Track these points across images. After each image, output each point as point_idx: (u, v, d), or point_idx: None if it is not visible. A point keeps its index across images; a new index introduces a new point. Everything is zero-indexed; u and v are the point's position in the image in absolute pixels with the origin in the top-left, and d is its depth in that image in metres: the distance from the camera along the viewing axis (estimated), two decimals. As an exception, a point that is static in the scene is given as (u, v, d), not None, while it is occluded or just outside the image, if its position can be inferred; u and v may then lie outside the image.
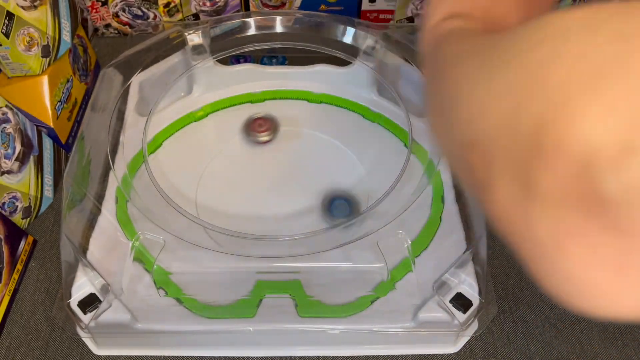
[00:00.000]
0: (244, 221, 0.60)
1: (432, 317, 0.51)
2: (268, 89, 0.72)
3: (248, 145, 0.68)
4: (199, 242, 0.52)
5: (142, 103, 0.68)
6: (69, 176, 0.56)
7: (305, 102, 0.72)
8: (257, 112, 0.69)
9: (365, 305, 0.53)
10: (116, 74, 0.66)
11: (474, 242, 0.53)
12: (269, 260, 0.54)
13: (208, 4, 0.88)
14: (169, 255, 0.54)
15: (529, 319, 0.60)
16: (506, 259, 0.64)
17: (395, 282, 0.53)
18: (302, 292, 0.53)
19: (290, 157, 0.67)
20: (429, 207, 0.58)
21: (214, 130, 0.70)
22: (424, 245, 0.55)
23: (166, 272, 0.53)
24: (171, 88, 0.68)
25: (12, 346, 0.58)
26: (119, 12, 0.88)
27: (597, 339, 0.58)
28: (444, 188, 0.60)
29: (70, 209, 0.55)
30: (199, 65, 0.69)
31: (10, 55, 0.66)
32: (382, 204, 0.54)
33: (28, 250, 0.64)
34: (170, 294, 0.53)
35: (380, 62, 0.69)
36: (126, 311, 0.51)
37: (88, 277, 0.52)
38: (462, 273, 0.52)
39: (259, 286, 0.53)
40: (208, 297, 0.53)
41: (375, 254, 0.54)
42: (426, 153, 0.62)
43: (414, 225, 0.57)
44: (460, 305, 0.51)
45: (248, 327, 0.51)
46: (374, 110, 0.70)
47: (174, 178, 0.63)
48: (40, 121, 0.70)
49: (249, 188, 0.64)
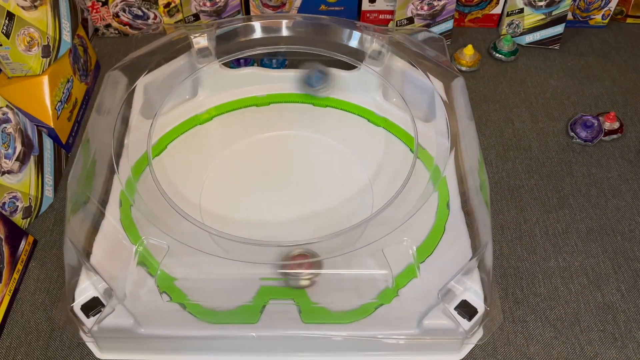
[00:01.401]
0: (249, 226, 0.60)
1: (437, 325, 0.51)
2: (273, 92, 0.72)
3: (252, 149, 0.67)
4: (204, 247, 0.52)
5: (147, 106, 0.67)
6: (73, 179, 0.56)
7: (311, 105, 0.71)
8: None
9: (369, 312, 0.52)
10: (121, 76, 0.66)
11: (479, 249, 0.53)
12: (273, 266, 0.53)
13: (208, 4, 0.87)
14: (173, 260, 0.53)
15: (528, 320, 0.60)
16: (506, 259, 0.65)
17: (400, 289, 0.53)
18: (307, 298, 0.53)
19: (295, 161, 0.67)
20: (435, 213, 0.58)
21: (219, 134, 0.69)
22: (428, 252, 0.55)
23: (171, 278, 0.53)
24: (176, 91, 0.67)
25: (12, 346, 0.57)
26: (119, 12, 0.87)
27: (596, 339, 0.59)
28: (450, 195, 0.59)
29: (74, 213, 0.55)
30: (205, 68, 0.69)
31: (10, 55, 0.65)
32: (387, 210, 0.54)
33: (28, 250, 0.64)
34: (175, 300, 0.52)
35: (386, 66, 0.69)
36: (129, 316, 0.51)
37: (91, 280, 0.51)
38: (468, 280, 0.52)
39: (262, 292, 0.53)
40: (212, 302, 0.53)
41: (379, 260, 0.53)
42: (432, 159, 0.62)
43: (419, 232, 0.56)
44: (465, 312, 0.51)
45: (251, 333, 0.51)
46: (379, 115, 0.70)
47: (178, 182, 0.63)
48: (41, 121, 0.69)
49: (254, 192, 0.63)
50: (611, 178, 0.73)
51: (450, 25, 0.89)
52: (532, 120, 0.80)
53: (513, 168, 0.74)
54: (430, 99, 0.67)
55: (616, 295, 0.62)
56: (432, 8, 0.86)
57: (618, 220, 0.69)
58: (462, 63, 0.86)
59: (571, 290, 0.62)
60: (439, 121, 0.65)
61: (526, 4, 0.87)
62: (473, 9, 0.92)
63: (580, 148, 0.76)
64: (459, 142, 0.61)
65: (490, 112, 0.81)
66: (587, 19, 0.93)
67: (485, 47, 0.90)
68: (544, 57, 0.89)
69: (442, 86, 0.67)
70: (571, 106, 0.82)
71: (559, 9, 0.85)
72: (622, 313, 0.61)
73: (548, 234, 0.67)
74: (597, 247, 0.66)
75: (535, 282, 0.63)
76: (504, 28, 0.91)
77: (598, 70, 0.87)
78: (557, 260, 0.65)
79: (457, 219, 0.58)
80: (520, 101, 0.82)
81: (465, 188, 0.59)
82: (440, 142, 0.63)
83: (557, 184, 0.72)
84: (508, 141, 0.77)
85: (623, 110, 0.81)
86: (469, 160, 0.59)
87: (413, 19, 0.88)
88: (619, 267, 0.64)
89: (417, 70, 0.67)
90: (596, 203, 0.70)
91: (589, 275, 0.64)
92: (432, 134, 0.65)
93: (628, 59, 0.89)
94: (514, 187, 0.72)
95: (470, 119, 0.62)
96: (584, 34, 0.93)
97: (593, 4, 0.90)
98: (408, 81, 0.69)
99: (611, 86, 0.85)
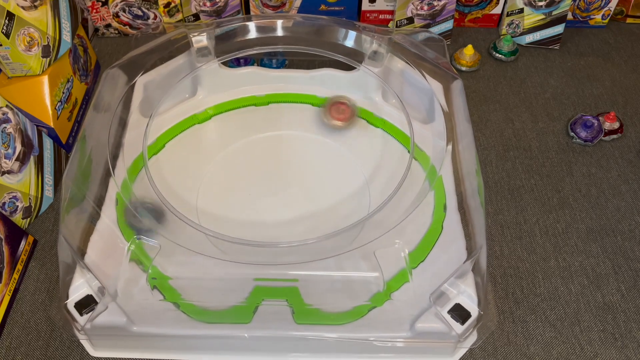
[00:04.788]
0: (245, 227, 0.60)
1: (430, 328, 0.51)
2: (272, 92, 0.72)
3: (250, 149, 0.67)
4: (198, 247, 0.52)
5: (146, 104, 0.67)
6: (69, 177, 0.56)
7: (309, 105, 0.71)
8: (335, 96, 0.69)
9: (362, 314, 0.52)
10: (120, 74, 0.66)
11: (474, 252, 0.52)
12: (266, 267, 0.53)
13: (208, 4, 0.87)
14: (165, 259, 0.53)
15: (528, 320, 0.60)
16: (506, 259, 0.64)
17: (392, 292, 0.53)
18: (300, 299, 0.53)
19: (292, 161, 0.67)
20: (431, 214, 0.58)
21: (217, 133, 0.69)
22: (422, 256, 0.55)
23: (165, 277, 0.53)
24: (175, 90, 0.67)
25: (12, 346, 0.58)
26: (119, 12, 0.88)
27: (596, 339, 0.58)
28: (446, 196, 0.59)
29: (69, 211, 0.55)
30: (204, 67, 0.69)
31: (10, 55, 0.65)
32: (382, 211, 0.53)
33: (28, 250, 0.64)
34: (169, 299, 0.53)
35: (385, 67, 0.69)
36: (122, 314, 0.51)
37: (85, 278, 0.52)
38: (462, 283, 0.51)
39: (256, 292, 0.53)
40: (205, 302, 0.53)
41: (372, 263, 0.53)
42: (428, 159, 0.62)
43: (413, 233, 0.56)
44: (458, 316, 0.50)
45: (243, 334, 0.51)
46: (378, 116, 0.70)
47: (175, 182, 0.63)
48: (41, 121, 0.70)
49: (251, 192, 0.63)
50: (611, 178, 0.73)
51: (450, 25, 0.89)
52: (532, 120, 0.80)
53: (513, 168, 0.74)
54: (429, 101, 0.67)
55: (616, 295, 0.62)
56: (432, 8, 0.86)
57: (618, 220, 0.68)
58: (462, 63, 0.86)
59: (571, 290, 0.62)
60: (437, 123, 0.65)
61: (526, 4, 0.87)
62: (473, 9, 0.92)
63: (580, 148, 0.76)
64: (456, 144, 0.61)
65: (490, 112, 0.81)
66: (587, 19, 0.92)
67: (485, 47, 0.90)
68: (544, 57, 0.89)
69: (441, 88, 0.67)
70: (571, 106, 0.82)
71: (559, 9, 0.85)
72: (622, 313, 0.60)
73: (548, 234, 0.67)
74: (597, 247, 0.66)
75: (535, 282, 0.62)
76: (504, 28, 0.91)
77: (598, 70, 0.87)
78: (557, 260, 0.64)
79: (453, 221, 0.57)
80: (520, 101, 0.82)
81: (462, 190, 0.59)
82: (438, 143, 0.63)
83: (557, 184, 0.72)
84: (508, 141, 0.77)
85: (623, 110, 0.81)
86: (466, 163, 0.59)
87: (413, 19, 0.88)
88: (619, 267, 0.64)
89: (416, 71, 0.66)
90: (596, 203, 0.70)
91: (589, 275, 0.63)
92: (430, 135, 0.64)
93: (628, 59, 0.89)
94: (514, 187, 0.71)
95: (468, 121, 0.62)
96: (584, 34, 0.93)
97: (593, 4, 0.90)
98: (407, 83, 0.69)
99: (611, 86, 0.84)
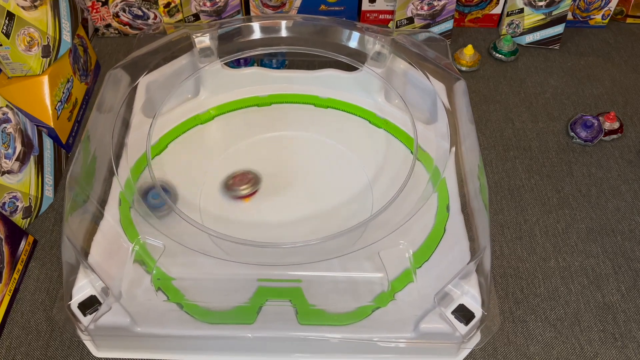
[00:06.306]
0: (249, 227, 0.60)
1: (433, 329, 0.51)
2: (275, 92, 0.72)
3: (253, 149, 0.67)
4: (202, 248, 0.52)
5: (149, 104, 0.67)
6: (72, 178, 0.56)
7: (312, 106, 0.71)
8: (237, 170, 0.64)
9: (366, 315, 0.52)
10: (123, 75, 0.66)
11: (478, 253, 0.52)
12: (270, 267, 0.53)
13: (208, 4, 0.87)
14: (170, 260, 0.53)
15: (528, 320, 0.60)
16: (506, 259, 0.65)
17: (396, 292, 0.53)
18: (303, 299, 0.53)
19: (295, 161, 0.66)
20: (434, 215, 0.58)
21: (220, 134, 0.69)
22: (426, 256, 0.55)
23: (168, 277, 0.53)
24: (178, 90, 0.67)
25: (12, 346, 0.58)
26: (119, 12, 0.87)
27: (596, 339, 0.59)
28: (450, 197, 0.59)
29: (73, 211, 0.55)
30: (207, 68, 0.69)
31: (10, 55, 0.65)
32: (386, 212, 0.53)
33: (28, 250, 0.64)
34: (172, 299, 0.52)
35: (388, 68, 0.69)
36: (126, 314, 0.51)
37: (89, 279, 0.52)
38: (466, 284, 0.51)
39: (260, 292, 0.53)
40: (209, 302, 0.53)
41: (376, 264, 0.53)
42: (432, 160, 0.62)
43: (417, 234, 0.56)
44: (462, 317, 0.50)
45: (247, 334, 0.51)
46: (380, 116, 0.70)
47: (178, 182, 0.63)
48: (41, 121, 0.69)
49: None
50: (611, 178, 0.73)
51: (450, 25, 0.89)
52: (532, 120, 0.80)
53: (513, 168, 0.74)
54: (432, 101, 0.67)
55: (616, 295, 0.62)
56: (432, 8, 0.86)
57: (618, 220, 0.68)
58: (462, 63, 0.86)
59: (571, 290, 0.62)
60: (440, 124, 0.65)
61: (526, 4, 0.87)
62: (473, 9, 0.92)
63: (580, 148, 0.76)
64: (459, 145, 0.61)
65: (490, 112, 0.81)
66: (587, 19, 0.92)
67: (485, 47, 0.90)
68: (544, 57, 0.89)
69: (444, 89, 0.67)
70: (571, 106, 0.82)
71: (559, 9, 0.85)
72: (622, 313, 0.60)
73: (548, 234, 0.67)
74: (597, 247, 0.66)
75: (535, 282, 0.63)
76: (504, 28, 0.91)
77: (598, 70, 0.87)
78: (557, 260, 0.65)
79: (457, 221, 0.57)
80: (520, 101, 0.82)
81: (465, 191, 0.59)
82: (441, 144, 0.63)
83: (557, 184, 0.72)
84: (508, 141, 0.77)
85: (623, 110, 0.81)
86: (469, 164, 0.59)
87: (413, 19, 0.88)
88: (619, 267, 0.64)
89: (419, 72, 0.66)
90: (596, 203, 0.70)
91: (589, 275, 0.64)
92: (433, 136, 0.64)
93: (628, 59, 0.89)
94: (514, 187, 0.72)
95: (471, 122, 0.62)
96: (584, 34, 0.93)
97: (593, 4, 0.90)
98: (410, 83, 0.69)
99: (611, 86, 0.85)
